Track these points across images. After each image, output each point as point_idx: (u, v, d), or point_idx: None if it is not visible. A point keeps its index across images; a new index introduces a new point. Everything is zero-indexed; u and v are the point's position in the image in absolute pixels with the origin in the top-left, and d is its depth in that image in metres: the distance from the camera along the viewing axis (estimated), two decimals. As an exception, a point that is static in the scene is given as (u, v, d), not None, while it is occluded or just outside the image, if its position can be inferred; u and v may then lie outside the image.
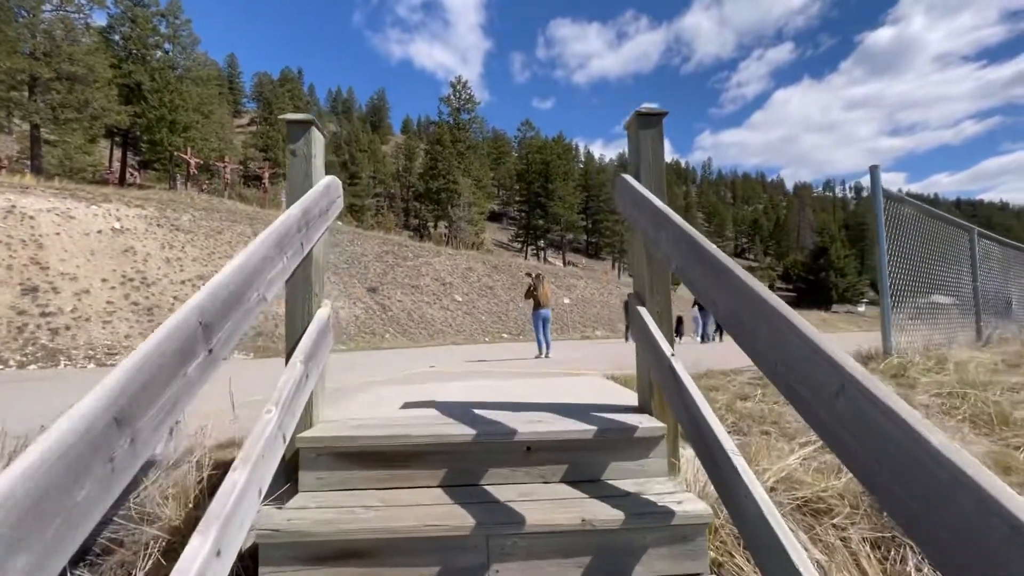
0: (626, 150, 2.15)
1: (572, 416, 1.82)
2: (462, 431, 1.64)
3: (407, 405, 2.28)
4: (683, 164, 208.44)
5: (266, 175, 35.49)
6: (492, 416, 1.87)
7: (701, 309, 21.55)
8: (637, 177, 1.89)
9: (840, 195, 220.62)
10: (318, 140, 1.95)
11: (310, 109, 57.31)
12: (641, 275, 1.92)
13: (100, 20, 33.12)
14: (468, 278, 27.08)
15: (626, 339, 20.85)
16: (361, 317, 20.13)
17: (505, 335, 22.92)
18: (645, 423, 1.68)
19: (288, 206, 1.74)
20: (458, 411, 2.08)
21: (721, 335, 18.04)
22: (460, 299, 24.64)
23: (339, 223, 36.76)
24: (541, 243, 51.26)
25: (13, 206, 15.99)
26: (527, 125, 61.48)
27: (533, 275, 9.51)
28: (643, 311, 1.83)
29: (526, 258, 51.88)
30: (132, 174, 43.06)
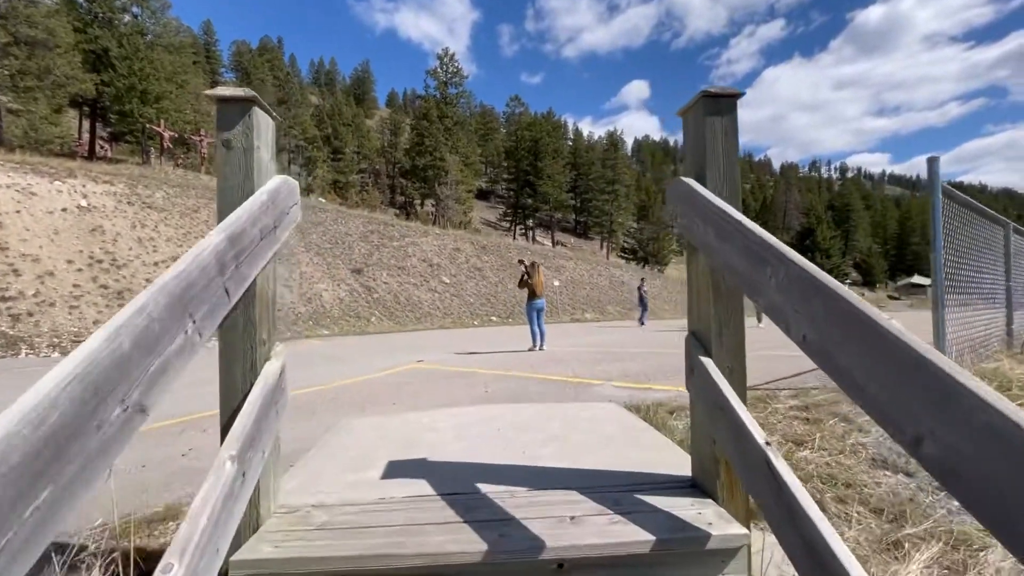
0: (618, 128, 1.65)
1: (610, 500, 1.37)
2: (469, 541, 1.17)
3: (390, 470, 1.80)
4: (672, 143, 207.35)
5: (245, 150, 33.97)
6: (504, 499, 1.41)
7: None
8: (701, 180, 1.41)
9: (825, 175, 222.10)
10: (264, 126, 1.41)
11: (291, 80, 55.08)
12: (705, 311, 1.44)
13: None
14: (456, 259, 26.47)
15: (640, 323, 20.25)
16: (345, 300, 19.51)
17: (494, 318, 22.51)
18: (717, 525, 1.24)
19: (220, 220, 1.22)
20: (459, 479, 1.62)
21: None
22: (448, 281, 24.08)
23: (322, 200, 35.63)
24: (530, 223, 50.53)
25: (-33, 181, 14.91)
26: (516, 100, 59.96)
27: (527, 263, 8.99)
28: (707, 363, 1.36)
29: (514, 238, 51.20)
30: (102, 147, 41.11)
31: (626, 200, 55.39)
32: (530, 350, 8.47)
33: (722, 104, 1.39)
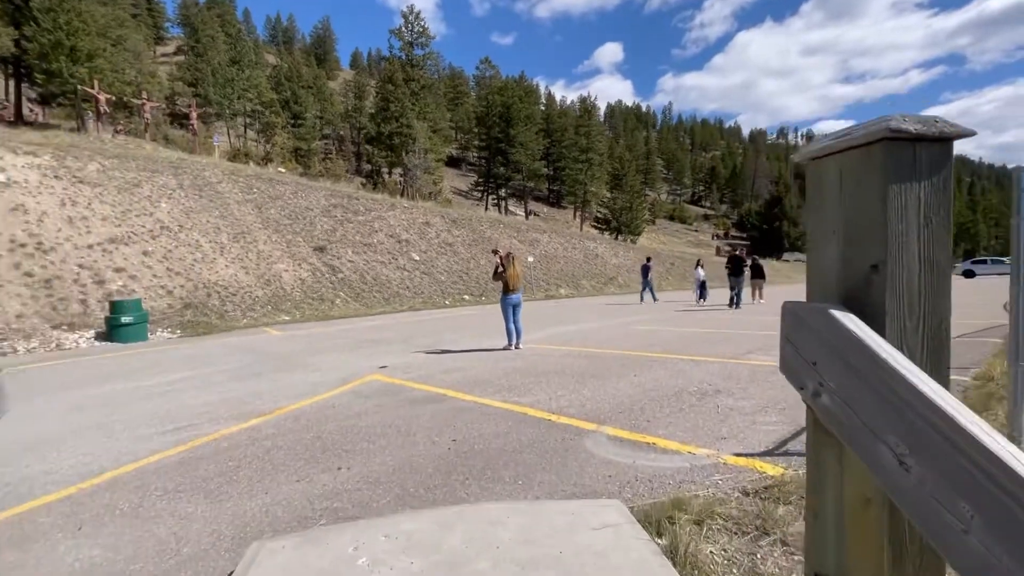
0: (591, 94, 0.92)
1: None
2: None
3: None
4: (644, 108, 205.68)
5: (194, 114, 31.44)
6: None
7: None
8: (868, 314, 0.69)
9: (793, 142, 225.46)
10: None
11: (243, 38, 51.07)
12: None
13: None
14: (426, 234, 25.37)
15: (641, 299, 19.75)
16: (308, 281, 18.37)
17: (467, 296, 21.77)
18: None
19: None
20: None
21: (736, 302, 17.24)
22: (417, 258, 23.07)
23: (281, 170, 33.52)
24: (502, 192, 49.24)
25: None
26: (487, 63, 57.31)
27: (502, 254, 8.19)
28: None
29: (486, 208, 49.93)
30: (32, 111, 37.51)
31: (600, 169, 54.50)
32: (505, 348, 7.82)
33: (929, 155, 0.67)
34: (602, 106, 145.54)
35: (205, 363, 7.86)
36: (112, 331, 11.26)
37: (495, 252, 8.51)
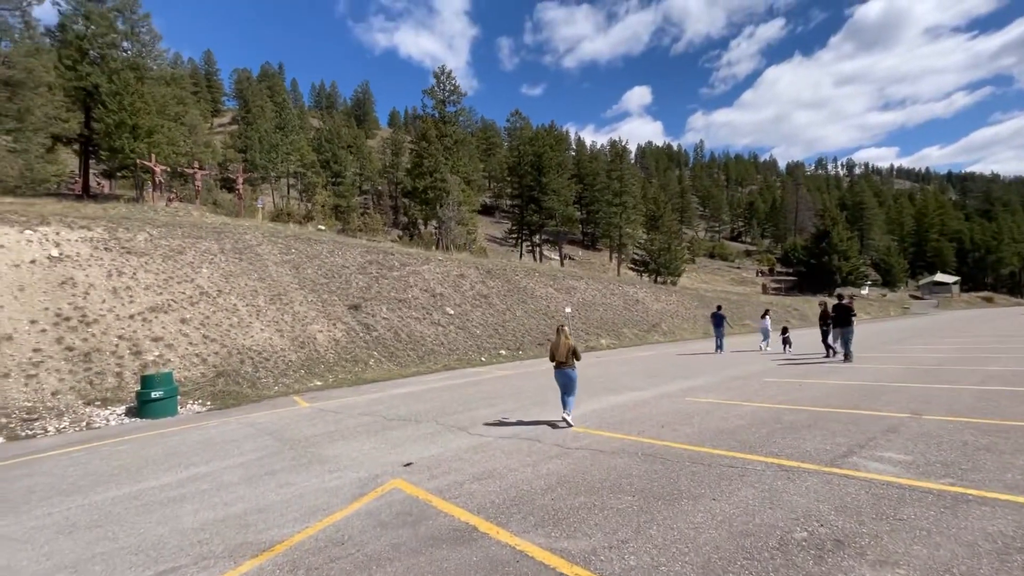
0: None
1: None
2: None
3: None
4: (675, 147, 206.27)
5: (241, 179, 33.05)
6: None
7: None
8: None
9: (833, 172, 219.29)
10: None
11: (287, 106, 54.52)
12: None
13: (46, 18, 30.38)
14: (460, 287, 25.00)
15: (717, 349, 18.69)
16: (342, 341, 18.06)
17: (503, 351, 20.93)
18: None
19: None
20: None
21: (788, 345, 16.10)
22: (452, 312, 22.58)
23: (321, 228, 34.47)
24: (536, 239, 49.05)
25: (-73, 237, 13.75)
26: (517, 115, 58.86)
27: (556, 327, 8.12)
28: None
29: (521, 256, 49.73)
30: (99, 184, 40.53)
31: (634, 211, 53.78)
32: (555, 426, 7.08)
33: None
34: (632, 147, 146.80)
35: (222, 452, 7.27)
36: (142, 406, 11.01)
37: (559, 330, 7.86)
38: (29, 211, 17.51)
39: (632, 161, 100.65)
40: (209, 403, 12.40)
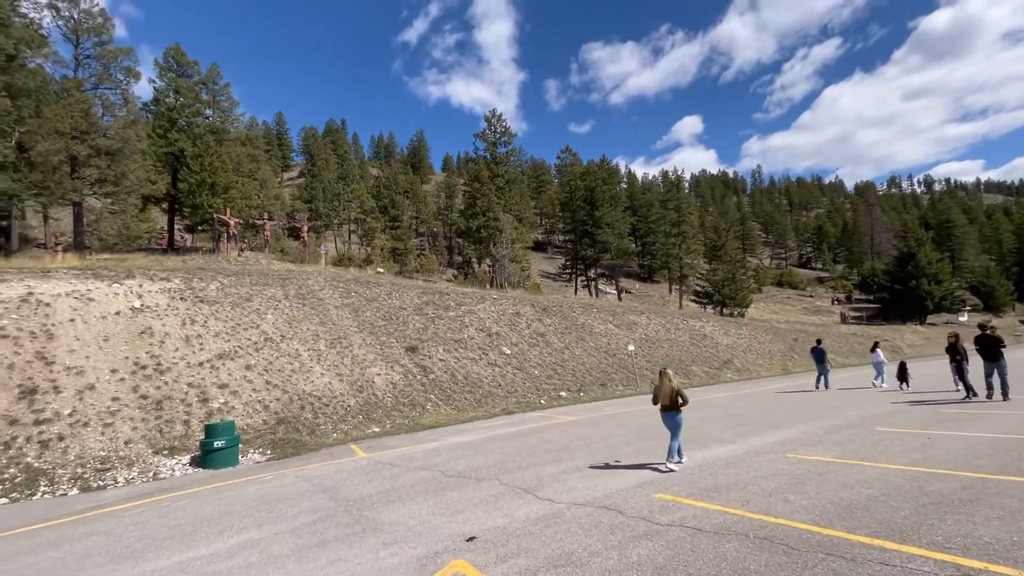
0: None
1: None
2: None
3: None
4: (731, 174, 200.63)
5: (305, 227, 34.79)
6: None
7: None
8: None
9: (908, 190, 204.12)
10: None
11: (348, 158, 57.76)
12: None
13: (141, 92, 34.10)
14: (516, 325, 24.41)
15: (817, 386, 17.35)
16: (399, 384, 17.79)
17: (563, 393, 19.90)
18: None
19: None
20: None
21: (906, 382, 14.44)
22: (509, 352, 21.94)
23: (380, 271, 35.38)
24: (591, 273, 48.05)
25: (30, 293, 14.95)
26: (567, 151, 59.15)
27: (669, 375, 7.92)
28: None
29: (576, 291, 48.75)
30: (182, 238, 44.09)
31: (694, 241, 51.73)
32: (662, 470, 7.20)
33: None
34: (686, 176, 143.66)
35: (275, 514, 6.83)
36: (205, 456, 10.99)
37: (661, 373, 7.91)
38: (119, 266, 18.89)
39: (687, 190, 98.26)
40: (269, 452, 12.27)
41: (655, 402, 7.76)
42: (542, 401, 18.87)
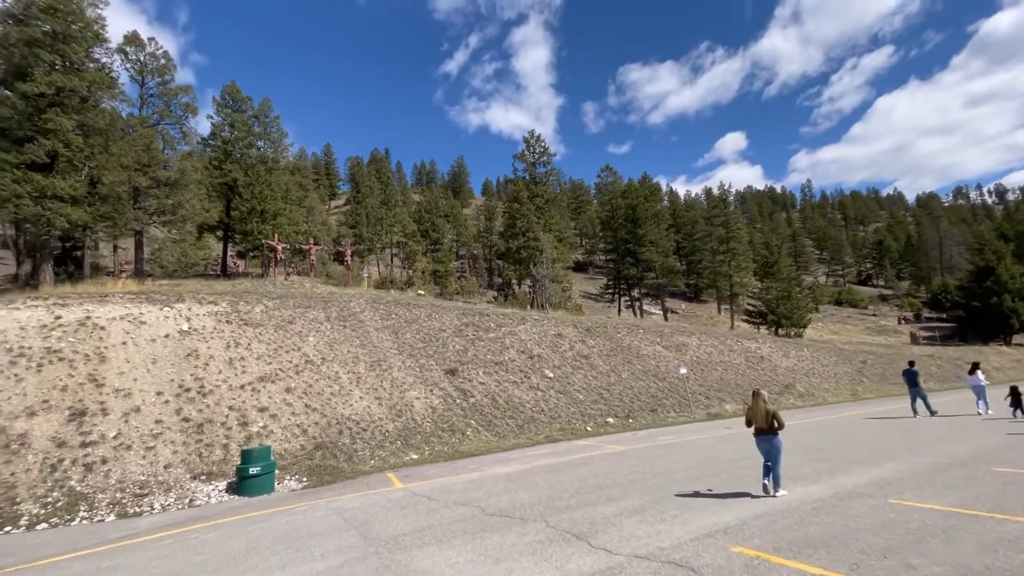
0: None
1: None
2: None
3: None
4: (779, 189, 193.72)
5: (348, 251, 35.44)
6: None
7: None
8: None
9: (978, 201, 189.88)
10: None
11: (391, 184, 59.22)
12: None
13: (196, 126, 36.24)
14: (559, 347, 23.49)
15: (914, 412, 15.77)
16: (439, 408, 17.20)
17: (610, 419, 18.74)
18: None
19: None
20: None
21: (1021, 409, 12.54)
22: (551, 375, 21.02)
23: (421, 292, 35.43)
24: (635, 293, 46.52)
25: (88, 317, 15.47)
26: (607, 170, 58.37)
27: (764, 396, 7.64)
28: None
29: (619, 311, 47.29)
30: (235, 264, 45.96)
31: (744, 258, 49.30)
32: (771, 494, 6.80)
33: None
34: (731, 192, 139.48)
35: (302, 553, 6.25)
36: (241, 482, 10.68)
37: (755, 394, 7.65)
38: (172, 290, 19.50)
39: (732, 206, 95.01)
40: (305, 479, 11.85)
41: (748, 424, 7.58)
42: (588, 428, 17.78)
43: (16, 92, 22.16)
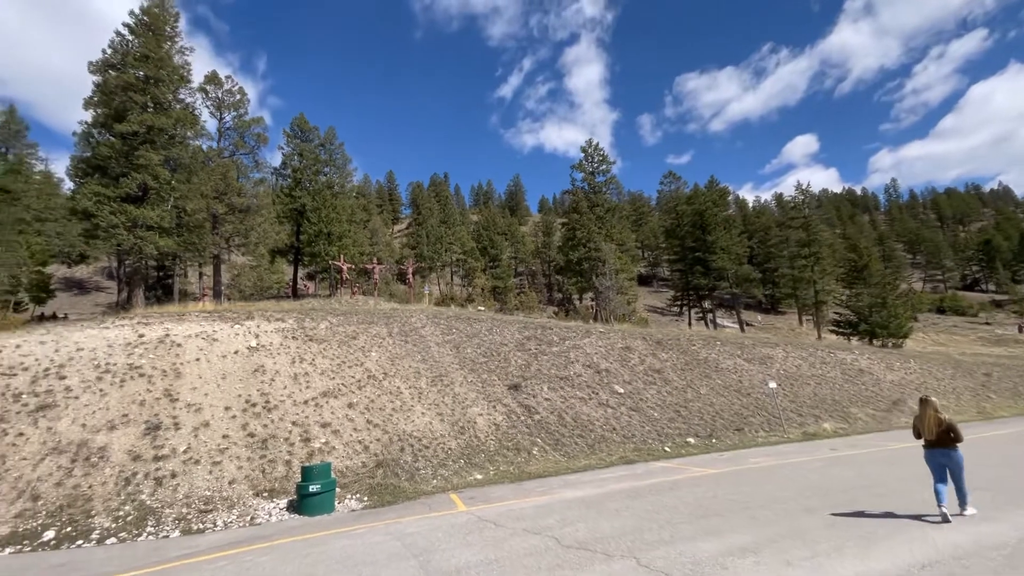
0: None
1: None
2: None
3: None
4: (858, 191, 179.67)
5: (410, 269, 35.87)
6: None
7: None
8: None
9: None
10: None
11: (450, 204, 60.20)
12: None
13: (267, 155, 38.46)
14: (628, 360, 21.97)
15: None
16: (502, 426, 16.28)
17: (691, 439, 16.97)
18: None
19: None
20: None
21: None
22: (621, 391, 19.54)
23: (481, 308, 35.05)
24: (706, 304, 43.64)
25: (166, 334, 16.09)
26: (670, 176, 55.85)
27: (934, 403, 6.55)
28: None
29: (689, 324, 44.54)
30: (305, 286, 48.01)
31: (829, 263, 45.03)
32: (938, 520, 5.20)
33: None
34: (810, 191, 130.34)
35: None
36: (301, 501, 10.24)
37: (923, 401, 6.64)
38: (243, 309, 20.14)
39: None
40: (366, 499, 11.27)
41: (917, 436, 6.77)
42: (666, 448, 16.14)
43: (114, 132, 24.28)
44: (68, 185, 33.86)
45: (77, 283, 51.25)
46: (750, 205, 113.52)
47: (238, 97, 29.39)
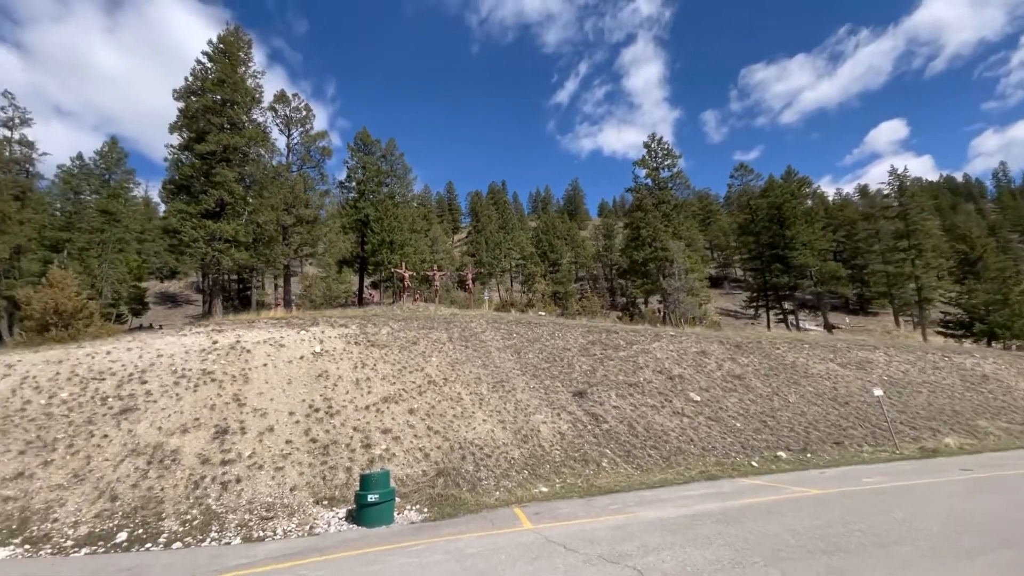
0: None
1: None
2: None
3: None
4: (959, 178, 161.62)
5: (470, 276, 35.74)
6: None
7: None
8: None
9: None
10: None
11: (508, 210, 60.08)
12: None
13: (333, 169, 39.81)
14: (703, 366, 20.21)
15: None
16: (568, 435, 15.25)
17: (781, 453, 15.08)
18: None
19: None
20: None
21: None
22: (698, 398, 17.89)
23: (541, 313, 34.18)
24: (787, 305, 40.10)
25: (238, 341, 16.56)
26: (742, 169, 52.24)
27: None
28: None
29: (768, 326, 41.15)
30: (370, 295, 49.35)
31: (934, 256, 40.00)
32: None
33: None
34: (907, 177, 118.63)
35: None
36: (360, 511, 9.81)
37: None
38: (310, 316, 20.55)
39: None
40: (426, 510, 10.68)
41: None
42: (753, 463, 14.40)
43: (196, 153, 25.94)
44: (163, 208, 36.92)
45: (170, 297, 56.02)
46: (830, 199, 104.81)
47: (304, 114, 30.79)
